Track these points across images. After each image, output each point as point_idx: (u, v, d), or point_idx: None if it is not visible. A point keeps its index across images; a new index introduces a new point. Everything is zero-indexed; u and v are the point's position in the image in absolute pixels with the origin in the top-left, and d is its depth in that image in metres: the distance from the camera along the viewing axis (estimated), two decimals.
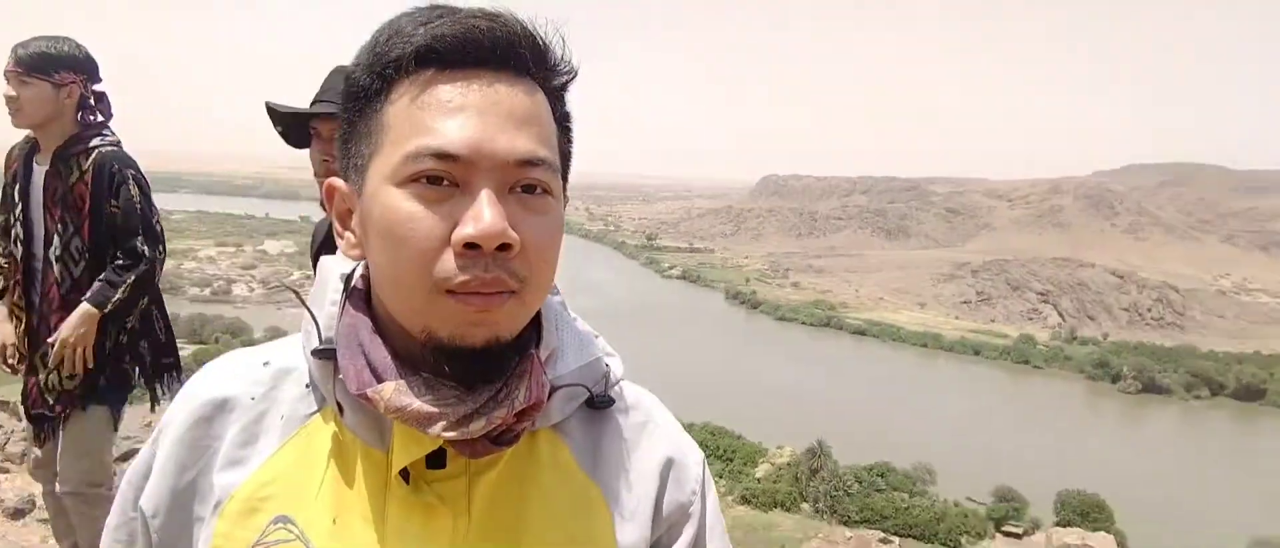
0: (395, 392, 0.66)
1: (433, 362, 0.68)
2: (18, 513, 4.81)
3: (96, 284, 2.60)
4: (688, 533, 0.81)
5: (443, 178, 0.64)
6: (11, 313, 2.71)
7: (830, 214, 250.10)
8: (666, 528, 0.80)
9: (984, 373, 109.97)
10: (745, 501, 55.41)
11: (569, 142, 0.74)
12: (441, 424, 0.66)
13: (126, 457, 4.91)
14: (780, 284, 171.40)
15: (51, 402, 2.65)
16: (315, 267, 2.41)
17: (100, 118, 2.67)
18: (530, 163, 0.65)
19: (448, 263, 0.63)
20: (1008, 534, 52.23)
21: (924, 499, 54.16)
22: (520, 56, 0.68)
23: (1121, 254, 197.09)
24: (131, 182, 2.63)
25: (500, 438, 0.70)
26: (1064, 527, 48.89)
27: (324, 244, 2.15)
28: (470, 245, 0.63)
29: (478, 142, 0.64)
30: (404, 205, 0.64)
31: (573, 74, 0.72)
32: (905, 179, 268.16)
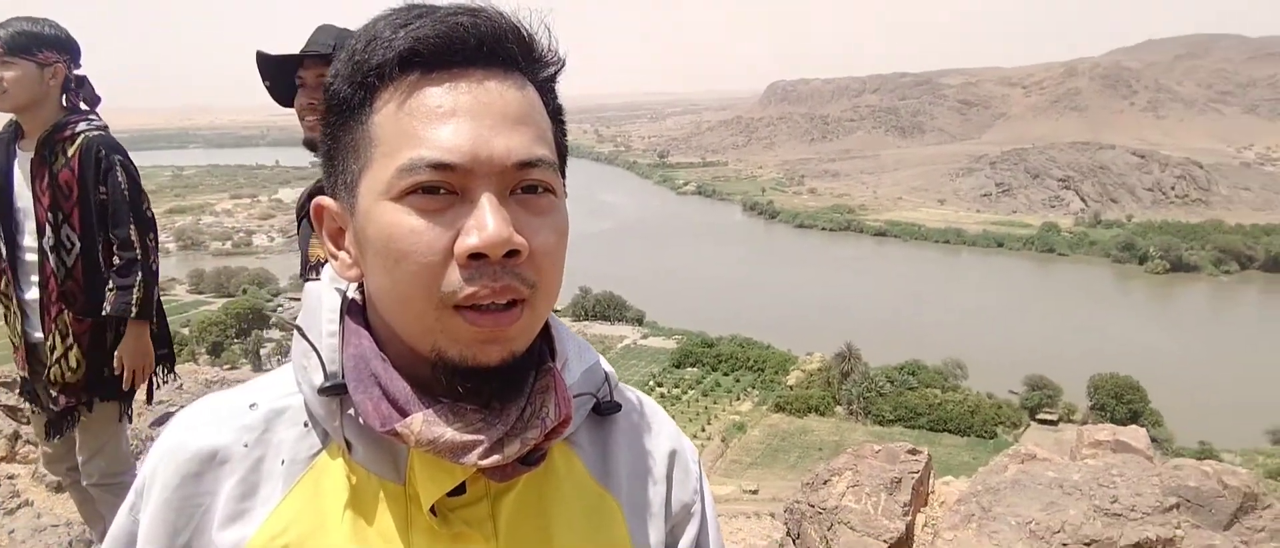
0: (424, 424, 0.63)
1: (445, 384, 0.64)
2: (60, 488, 4.58)
3: (112, 297, 2.53)
4: (691, 532, 0.81)
5: (440, 187, 0.61)
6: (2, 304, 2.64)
7: (841, 116, 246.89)
8: (671, 527, 0.80)
9: (1009, 265, 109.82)
10: (779, 408, 55.89)
11: (563, 134, 0.71)
12: (477, 452, 0.63)
13: (162, 420, 4.60)
14: (796, 191, 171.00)
15: (55, 395, 2.58)
16: (301, 234, 2.33)
17: (85, 106, 2.59)
18: (530, 164, 0.63)
19: (453, 276, 0.60)
20: (1042, 421, 52.42)
21: (956, 394, 54.31)
22: (508, 51, 0.65)
23: (1142, 133, 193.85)
24: (119, 168, 2.55)
25: (527, 458, 0.67)
26: (1098, 410, 48.81)
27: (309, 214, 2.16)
28: (476, 256, 0.60)
29: (473, 147, 0.61)
30: (402, 220, 0.61)
31: (561, 65, 0.69)
32: (916, 74, 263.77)
